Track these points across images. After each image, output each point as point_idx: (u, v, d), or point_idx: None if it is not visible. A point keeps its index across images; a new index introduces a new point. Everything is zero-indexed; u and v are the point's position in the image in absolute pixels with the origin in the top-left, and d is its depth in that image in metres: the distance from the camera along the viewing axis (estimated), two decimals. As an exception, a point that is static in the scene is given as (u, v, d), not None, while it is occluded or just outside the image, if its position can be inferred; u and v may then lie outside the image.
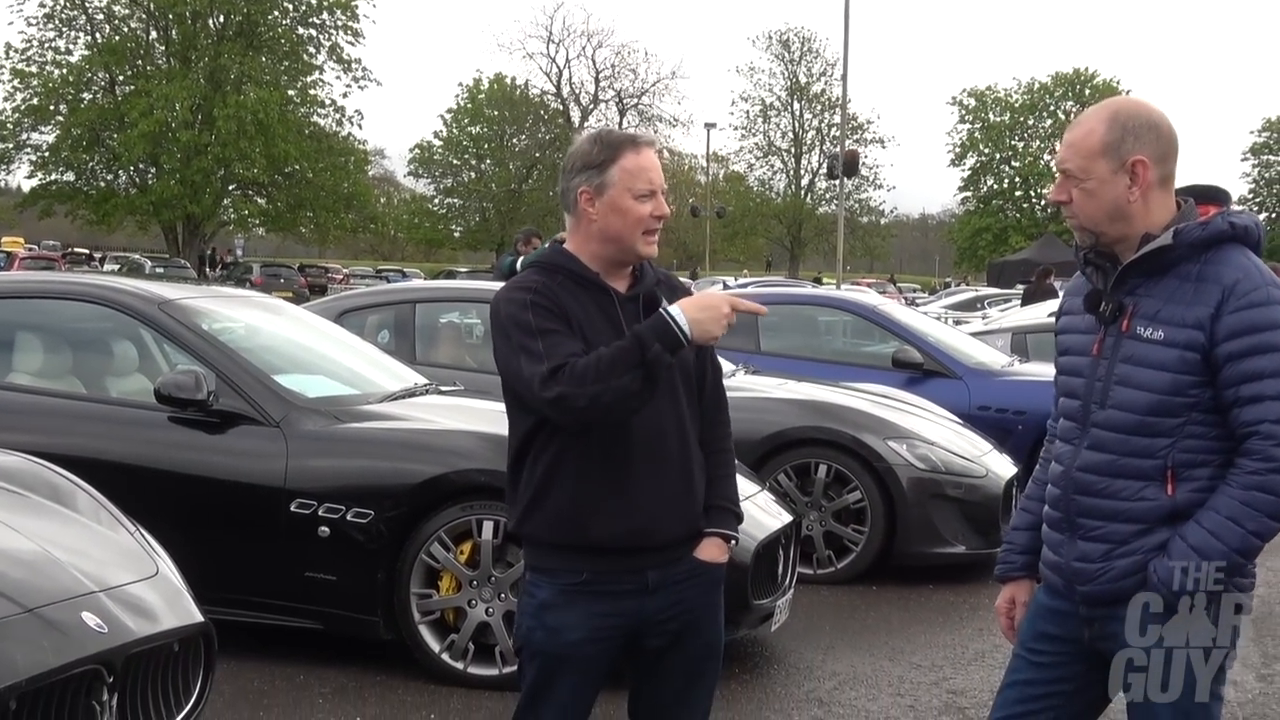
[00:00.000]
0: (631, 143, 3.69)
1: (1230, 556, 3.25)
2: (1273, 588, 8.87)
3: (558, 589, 3.65)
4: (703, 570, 3.74)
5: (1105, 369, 3.40)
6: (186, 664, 4.55)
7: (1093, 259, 3.48)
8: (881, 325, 12.13)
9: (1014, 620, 3.75)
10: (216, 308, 7.44)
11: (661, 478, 3.65)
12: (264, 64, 60.53)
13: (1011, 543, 3.79)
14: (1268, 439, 3.21)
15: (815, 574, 8.64)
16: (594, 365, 3.44)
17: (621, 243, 3.66)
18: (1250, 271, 3.29)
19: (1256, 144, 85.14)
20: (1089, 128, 3.39)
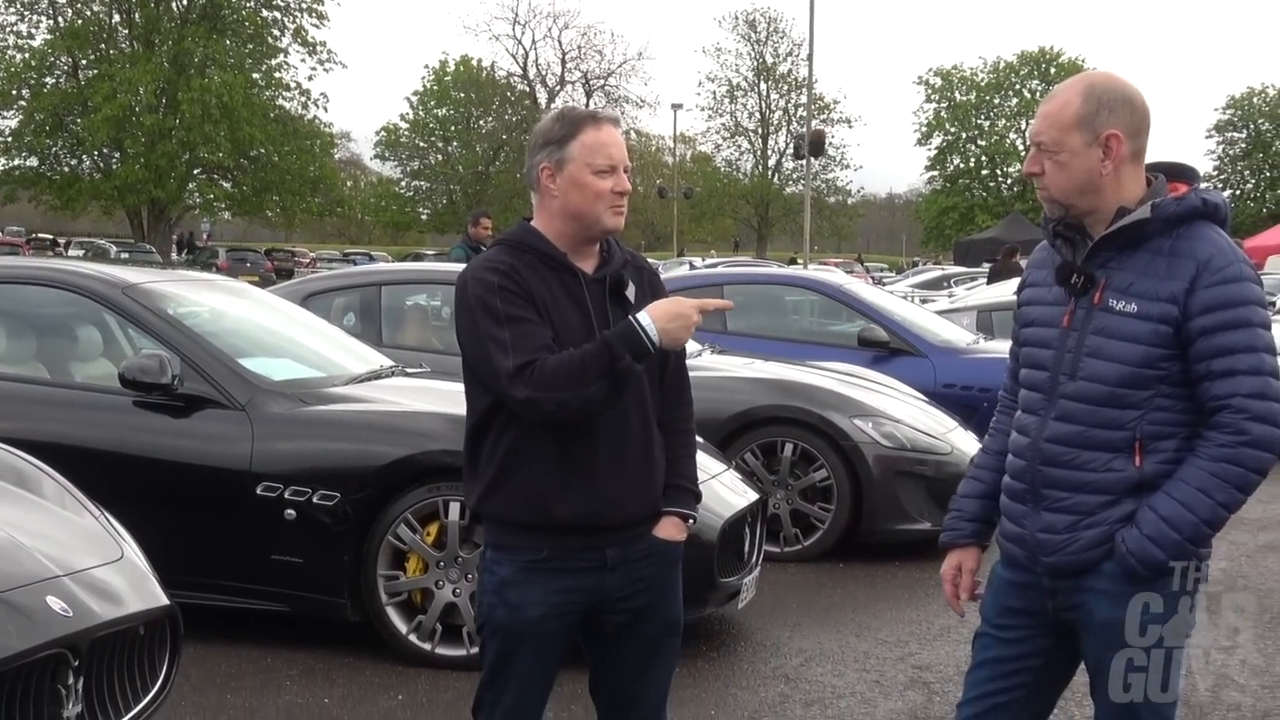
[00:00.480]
0: (592, 119, 3.71)
1: (1199, 528, 3.30)
2: (1274, 586, 8.95)
3: (518, 566, 3.68)
4: (661, 549, 3.77)
5: (1076, 341, 3.41)
6: (152, 647, 4.55)
7: (1062, 231, 3.50)
8: (847, 304, 12.17)
9: (958, 587, 3.76)
10: (181, 292, 7.43)
11: (623, 458, 3.67)
12: (228, 47, 60.12)
13: (959, 510, 3.80)
14: (1239, 413, 3.26)
15: (782, 552, 8.68)
16: (564, 370, 3.47)
17: (584, 218, 3.67)
18: (1223, 248, 3.33)
19: (1220, 121, 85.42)
20: (1064, 100, 3.41)
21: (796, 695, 6.16)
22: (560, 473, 3.62)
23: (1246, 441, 3.26)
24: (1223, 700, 6.16)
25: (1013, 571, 3.59)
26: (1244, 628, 7.22)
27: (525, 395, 3.48)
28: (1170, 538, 3.29)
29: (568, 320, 3.61)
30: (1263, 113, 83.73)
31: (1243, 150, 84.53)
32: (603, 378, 3.50)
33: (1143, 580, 3.35)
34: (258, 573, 6.41)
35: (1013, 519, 3.56)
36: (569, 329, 3.60)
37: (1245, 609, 6.68)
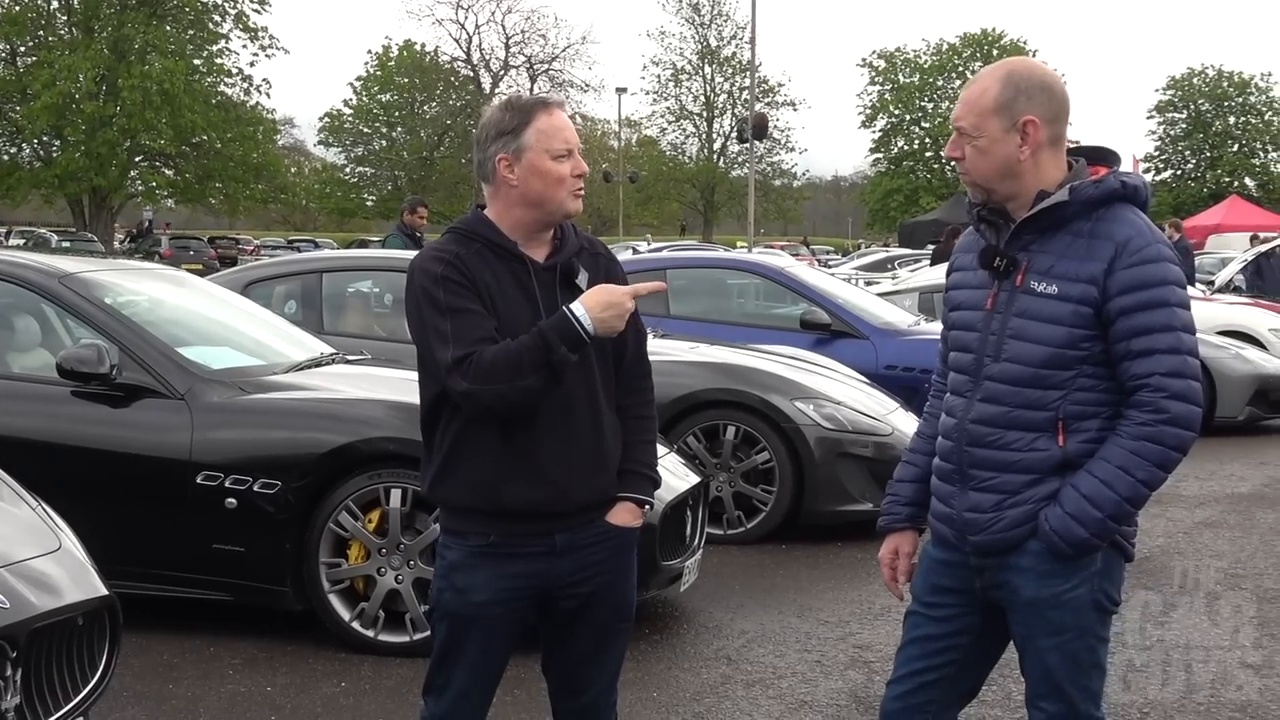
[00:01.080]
0: (543, 105, 3.72)
1: (1120, 505, 3.35)
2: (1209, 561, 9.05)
3: (466, 551, 3.70)
4: (613, 534, 3.79)
5: (999, 323, 3.46)
6: (91, 638, 4.54)
7: (986, 216, 3.55)
8: (789, 287, 12.24)
9: (896, 571, 3.81)
10: (119, 281, 7.39)
11: (569, 445, 3.68)
12: (168, 33, 59.48)
13: (895, 494, 3.83)
14: (1158, 391, 3.31)
15: (725, 534, 8.73)
16: (500, 362, 3.50)
17: (545, 204, 3.68)
18: (1141, 229, 3.38)
19: (1161, 102, 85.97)
20: (983, 86, 3.46)
21: (739, 676, 6.21)
22: (506, 460, 3.64)
23: (1166, 419, 3.31)
24: (1157, 675, 6.24)
25: (942, 550, 3.64)
26: (1180, 604, 7.34)
27: (463, 388, 3.52)
28: (1092, 515, 3.34)
29: (514, 309, 3.62)
30: (1203, 93, 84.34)
31: (1183, 130, 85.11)
32: (539, 369, 3.52)
33: (1067, 558, 3.40)
34: (199, 562, 6.40)
35: (942, 499, 3.61)
36: (516, 318, 3.61)
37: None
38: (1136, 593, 7.49)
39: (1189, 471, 11.44)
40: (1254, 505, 10.37)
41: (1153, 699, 5.94)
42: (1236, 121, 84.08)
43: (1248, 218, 47.75)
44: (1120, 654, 6.43)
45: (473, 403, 3.55)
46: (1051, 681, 3.49)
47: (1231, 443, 13.48)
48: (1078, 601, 3.45)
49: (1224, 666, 6.36)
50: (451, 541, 3.75)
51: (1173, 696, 5.97)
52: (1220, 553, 8.71)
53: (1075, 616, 3.46)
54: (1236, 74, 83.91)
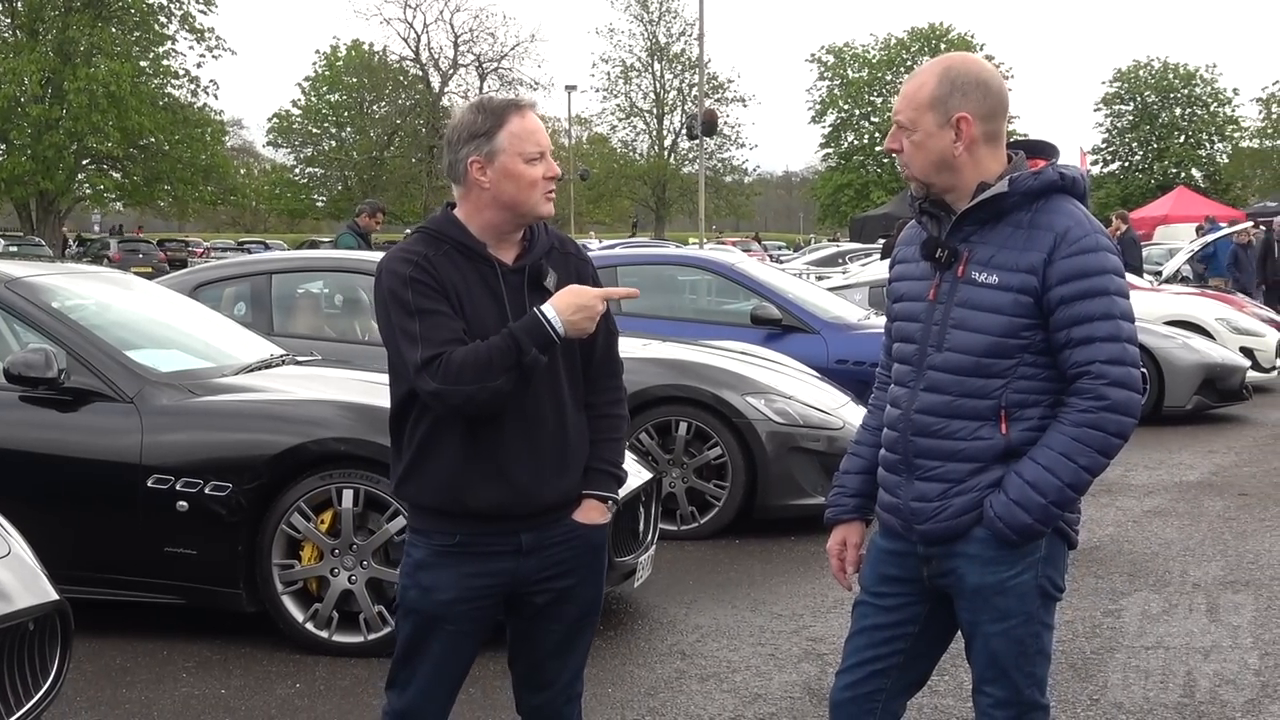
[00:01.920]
0: (515, 107, 3.71)
1: (1063, 491, 3.40)
2: (1158, 550, 9.13)
3: (432, 549, 3.72)
4: (580, 532, 3.80)
5: (941, 313, 3.51)
6: (43, 643, 4.54)
7: (927, 208, 3.58)
8: (740, 283, 12.27)
9: (844, 562, 3.84)
10: (66, 285, 7.35)
11: (535, 446, 3.70)
12: (114, 35, 59.05)
13: (842, 486, 3.86)
14: (1098, 378, 3.36)
15: (679, 530, 8.76)
16: (470, 363, 3.51)
17: (519, 207, 3.68)
18: (1080, 220, 3.43)
19: (1108, 94, 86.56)
20: (921, 81, 3.52)
21: (693, 670, 6.24)
22: (472, 460, 3.66)
23: (1106, 406, 3.36)
24: (1108, 662, 6.30)
25: (889, 540, 3.68)
26: (1130, 592, 7.41)
27: (433, 388, 3.53)
28: (1035, 501, 3.38)
29: (482, 311, 3.63)
30: (1149, 85, 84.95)
31: (1130, 123, 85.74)
32: (509, 370, 3.54)
33: (1012, 544, 3.44)
34: (151, 565, 6.38)
35: (888, 489, 3.65)
36: (483, 319, 3.62)
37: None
38: (1086, 580, 7.57)
39: (1138, 460, 11.56)
40: (1202, 493, 10.47)
41: (1103, 684, 5.99)
42: (1183, 113, 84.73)
43: (1195, 209, 48.12)
44: (1071, 643, 6.50)
45: (441, 403, 3.56)
46: (997, 667, 3.52)
47: (1179, 432, 13.61)
48: (1022, 588, 3.49)
49: (1175, 653, 6.43)
50: (418, 540, 3.77)
51: (1119, 681, 6.03)
52: (1169, 541, 8.79)
53: (1020, 602, 3.49)
54: (1182, 66, 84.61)
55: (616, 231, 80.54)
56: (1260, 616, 7.01)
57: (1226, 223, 34.32)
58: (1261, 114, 78.92)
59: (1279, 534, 8.97)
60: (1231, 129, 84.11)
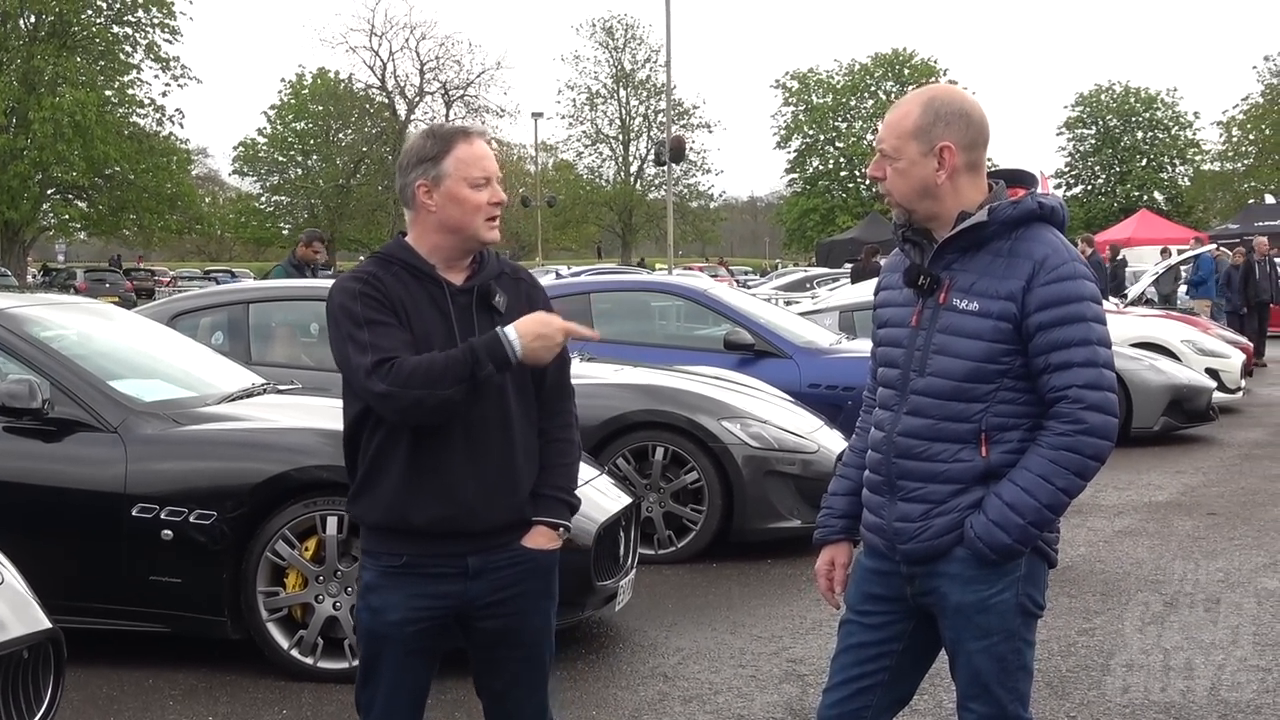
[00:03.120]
0: (463, 134, 3.78)
1: (1041, 512, 3.47)
2: (1129, 569, 9.23)
3: (380, 570, 3.76)
4: (527, 558, 3.81)
5: (924, 339, 3.59)
6: (37, 671, 4.58)
7: (910, 236, 3.66)
8: (712, 308, 12.35)
9: (833, 582, 3.90)
10: (47, 315, 7.38)
11: (481, 466, 3.72)
12: (79, 64, 58.90)
13: (830, 507, 3.93)
14: (1076, 403, 3.44)
15: (657, 554, 8.82)
16: (423, 369, 3.56)
17: (463, 231, 3.74)
18: (1058, 248, 3.52)
19: (1071, 118, 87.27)
20: (905, 110, 3.60)
21: (675, 693, 6.30)
22: (417, 477, 3.68)
23: (1084, 430, 3.44)
24: (1083, 680, 6.39)
25: (874, 560, 3.75)
26: (1103, 610, 7.51)
27: (382, 389, 3.55)
28: (1014, 522, 3.46)
29: (429, 328, 3.68)
30: (1111, 109, 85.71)
31: (1092, 146, 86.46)
32: (461, 381, 3.58)
33: (992, 564, 3.52)
34: (137, 594, 6.41)
35: (872, 510, 3.72)
36: (430, 336, 3.67)
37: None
38: (1060, 600, 7.67)
39: (1108, 481, 11.68)
40: (1171, 513, 10.59)
41: (1079, 701, 6.08)
42: (1144, 137, 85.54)
43: (1157, 231, 48.60)
44: (1047, 662, 6.59)
45: (390, 405, 3.58)
46: (980, 683, 3.59)
47: (1148, 453, 13.75)
48: (1003, 606, 3.55)
49: (1148, 670, 6.53)
50: (368, 562, 3.81)
51: (1095, 698, 6.12)
52: (1140, 560, 8.90)
53: (1001, 620, 3.56)
54: (1143, 90, 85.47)
55: (585, 258, 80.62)
56: (1232, 634, 7.11)
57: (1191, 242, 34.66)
58: (1222, 137, 79.64)
59: (1248, 553, 9.08)
60: (1193, 152, 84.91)
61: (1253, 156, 77.59)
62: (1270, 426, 16.06)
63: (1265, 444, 14.62)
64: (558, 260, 72.85)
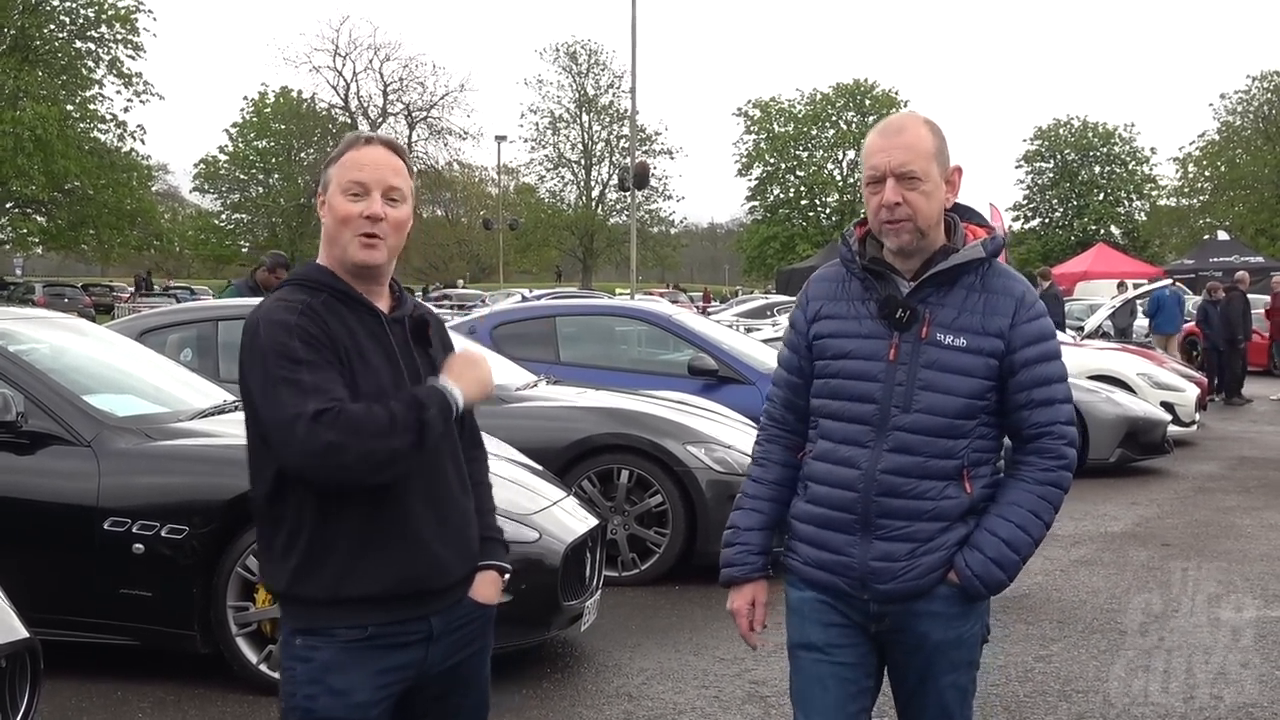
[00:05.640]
0: (360, 140, 3.42)
1: (1031, 547, 3.54)
2: (1085, 598, 9.33)
3: (339, 647, 3.27)
4: (480, 613, 3.50)
5: (906, 374, 3.49)
6: (14, 680, 4.62)
7: (871, 267, 3.56)
8: (676, 334, 12.47)
9: (752, 621, 3.78)
10: (19, 329, 7.42)
11: (443, 513, 3.38)
12: (41, 78, 58.80)
13: (746, 543, 3.76)
14: (1059, 439, 3.52)
15: (620, 576, 8.90)
16: (369, 417, 3.15)
17: (336, 243, 3.34)
18: (1028, 285, 3.59)
19: (1029, 152, 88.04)
20: (918, 133, 3.50)
21: (640, 712, 6.38)
22: (379, 536, 3.28)
23: (1065, 465, 3.53)
24: (1040, 705, 6.51)
25: (831, 596, 3.61)
26: (1060, 638, 7.63)
27: (327, 440, 3.08)
28: (1011, 559, 3.49)
29: (372, 363, 3.30)
30: (1069, 143, 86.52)
31: (1051, 179, 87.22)
32: (409, 432, 3.19)
33: (980, 599, 3.56)
34: (107, 607, 6.45)
35: (834, 549, 3.57)
36: (374, 372, 3.29)
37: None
38: (1017, 627, 7.79)
39: (1064, 511, 11.63)
40: (1126, 544, 10.74)
41: (1036, 727, 6.20)
42: (1102, 171, 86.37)
43: (1114, 265, 49.07)
44: (1004, 687, 6.71)
45: (331, 459, 3.10)
46: (946, 715, 3.64)
47: (1103, 484, 13.91)
48: (973, 638, 3.62)
49: (1104, 696, 6.65)
50: (317, 641, 3.28)
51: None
52: (1096, 589, 9.03)
53: (969, 652, 3.62)
54: (1101, 125, 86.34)
55: (545, 281, 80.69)
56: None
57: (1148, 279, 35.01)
58: (1179, 173, 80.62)
59: (1201, 583, 9.23)
60: (1149, 187, 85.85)
61: (1208, 192, 78.57)
62: (1223, 460, 16.27)
63: (1219, 477, 14.81)
64: (519, 284, 72.86)
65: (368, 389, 3.25)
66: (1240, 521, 11.82)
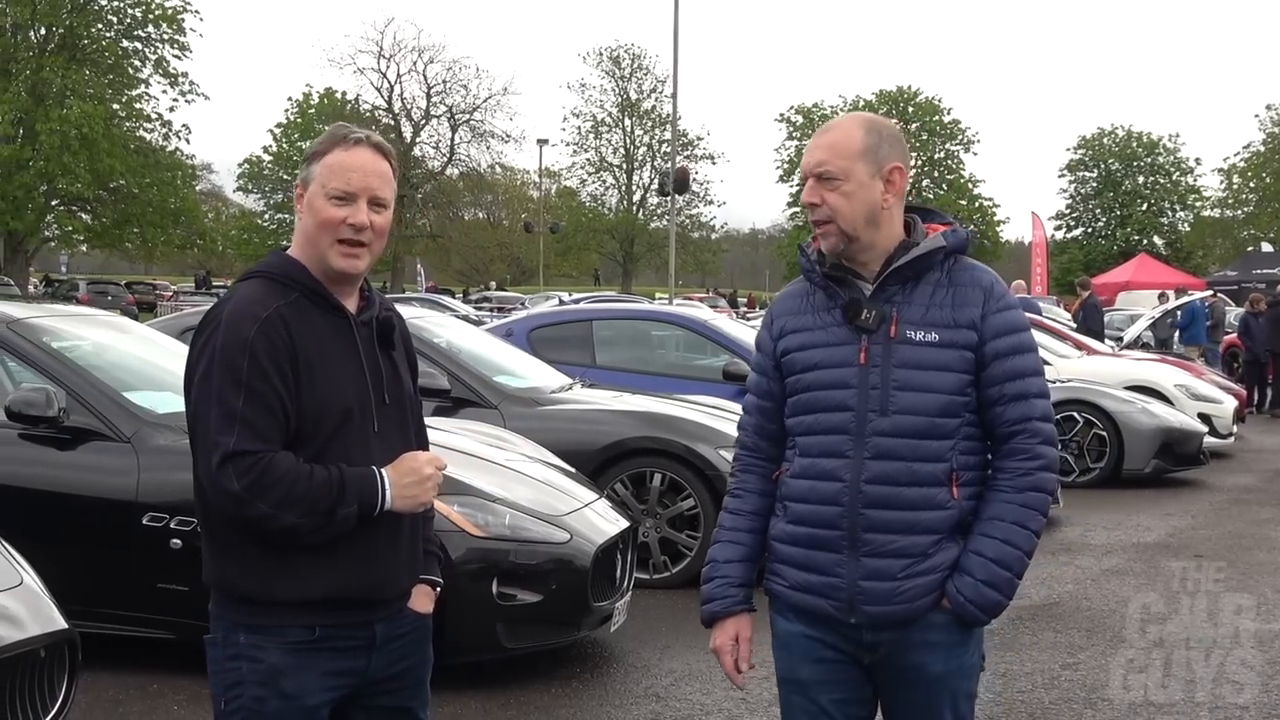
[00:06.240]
0: (345, 139, 3.34)
1: (1023, 560, 3.34)
2: (1115, 607, 9.36)
3: (287, 649, 3.23)
4: (420, 624, 3.47)
5: (879, 376, 3.34)
6: (52, 670, 4.74)
7: (832, 274, 3.43)
8: (712, 339, 12.55)
9: (736, 659, 3.63)
10: (64, 326, 7.55)
11: (397, 525, 3.34)
12: (88, 77, 59.17)
13: (727, 576, 3.60)
14: (1033, 436, 3.33)
15: (652, 578, 8.97)
16: (286, 486, 3.09)
17: (315, 247, 3.29)
18: (996, 277, 3.45)
19: (1072, 160, 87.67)
20: (847, 131, 3.39)
21: (668, 713, 6.45)
22: (336, 540, 3.22)
23: (1042, 465, 3.34)
24: (1065, 712, 6.54)
25: (819, 629, 3.46)
26: (1087, 647, 7.65)
27: (232, 490, 3.08)
28: (1003, 577, 3.31)
29: (338, 371, 3.25)
30: (1112, 153, 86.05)
31: (1094, 189, 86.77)
32: (318, 515, 3.14)
33: (979, 625, 3.39)
34: (144, 601, 6.57)
35: (818, 570, 3.41)
36: (338, 381, 3.25)
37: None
38: (1045, 635, 7.82)
39: (1097, 521, 11.86)
40: (1159, 554, 10.75)
41: (1061, 734, 6.24)
42: (1145, 181, 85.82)
43: (1156, 275, 48.86)
44: (1031, 694, 6.74)
45: (230, 506, 3.10)
46: None
47: (1138, 494, 13.91)
48: (972, 667, 3.46)
49: (1130, 706, 6.68)
50: (263, 641, 3.23)
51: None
52: (1126, 599, 9.05)
53: (968, 681, 3.46)
54: (1145, 134, 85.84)
55: (583, 284, 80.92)
56: (1214, 673, 7.25)
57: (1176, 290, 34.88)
58: (1223, 184, 79.95)
59: (1233, 595, 9.23)
60: (1193, 198, 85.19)
61: (1253, 204, 77.89)
62: (1260, 472, 16.23)
63: (1254, 489, 14.78)
64: (559, 286, 73.03)
65: (331, 398, 3.22)
66: (1274, 534, 11.81)
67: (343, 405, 3.23)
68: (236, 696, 3.27)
